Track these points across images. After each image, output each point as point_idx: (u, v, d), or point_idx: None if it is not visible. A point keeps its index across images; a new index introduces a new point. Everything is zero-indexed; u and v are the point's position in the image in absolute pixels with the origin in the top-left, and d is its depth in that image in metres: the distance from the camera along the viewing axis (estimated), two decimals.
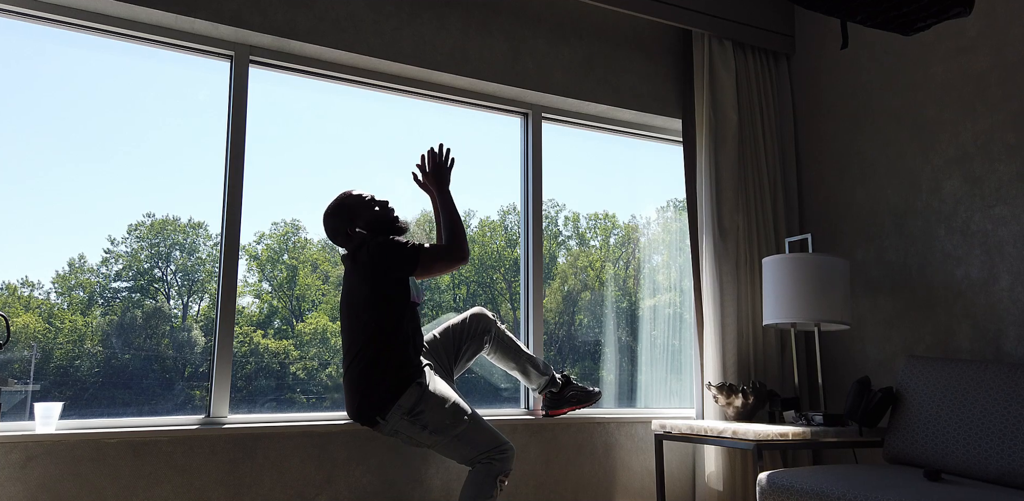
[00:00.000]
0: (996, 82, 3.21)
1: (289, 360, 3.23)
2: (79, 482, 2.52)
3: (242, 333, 3.07)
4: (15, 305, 2.77)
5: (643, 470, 3.53)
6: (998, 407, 2.60)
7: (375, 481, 2.96)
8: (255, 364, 3.14)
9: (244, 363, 3.08)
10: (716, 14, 3.85)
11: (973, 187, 3.26)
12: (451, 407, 2.67)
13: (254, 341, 3.15)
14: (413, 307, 2.77)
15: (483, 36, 3.48)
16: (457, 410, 2.68)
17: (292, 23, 3.08)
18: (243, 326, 3.10)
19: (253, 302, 3.23)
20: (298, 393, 3.22)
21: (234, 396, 2.91)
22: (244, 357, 3.09)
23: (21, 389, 2.69)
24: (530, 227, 3.62)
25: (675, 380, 3.93)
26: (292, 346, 3.25)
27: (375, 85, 3.39)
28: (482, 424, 2.73)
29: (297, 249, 3.38)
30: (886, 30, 1.94)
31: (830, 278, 3.26)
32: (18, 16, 2.77)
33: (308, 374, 3.24)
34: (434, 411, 2.65)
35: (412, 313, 2.76)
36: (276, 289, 3.33)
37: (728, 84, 3.83)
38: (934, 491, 2.33)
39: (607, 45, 3.79)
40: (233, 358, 2.90)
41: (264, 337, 3.20)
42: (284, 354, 3.22)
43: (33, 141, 2.78)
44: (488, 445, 2.70)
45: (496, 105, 3.63)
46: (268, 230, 3.27)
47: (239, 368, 3.03)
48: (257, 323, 3.21)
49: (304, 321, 3.36)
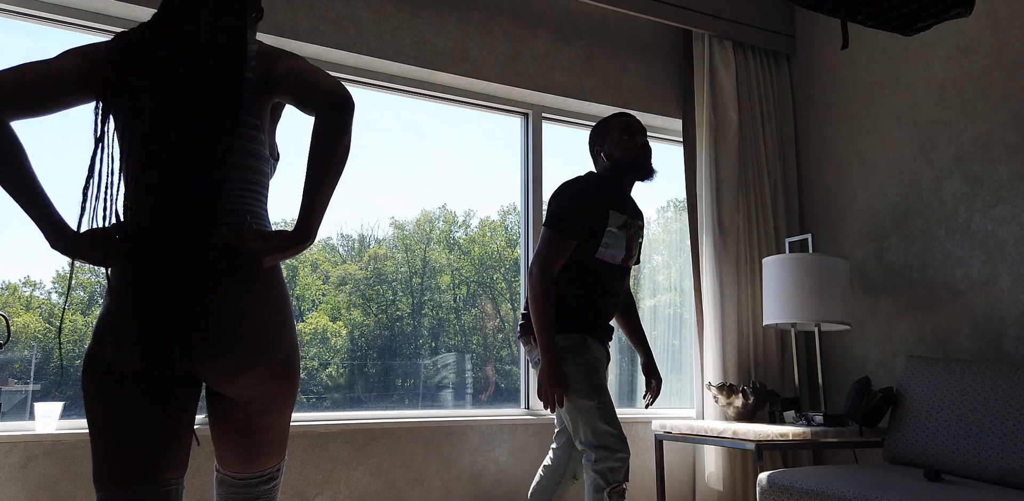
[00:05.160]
0: (996, 82, 3.21)
1: None
2: (79, 482, 2.52)
3: None
4: (16, 305, 2.77)
5: (643, 470, 3.53)
6: (998, 407, 2.60)
7: (375, 481, 2.96)
8: None
9: None
10: (716, 14, 3.85)
11: (973, 187, 3.26)
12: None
13: None
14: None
15: (483, 36, 3.48)
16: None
17: (292, 23, 3.08)
18: None
19: None
20: (298, 393, 3.22)
21: None
22: None
23: (21, 389, 2.69)
24: (530, 227, 3.62)
25: (675, 380, 3.93)
26: None
27: (375, 85, 3.39)
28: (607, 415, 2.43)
29: None
30: (886, 30, 1.94)
31: (830, 278, 3.25)
32: (18, 16, 2.77)
33: (308, 374, 3.24)
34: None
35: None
36: None
37: (728, 84, 3.83)
38: (934, 491, 2.33)
39: (607, 45, 3.79)
40: None
41: None
42: None
43: (33, 140, 2.78)
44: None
45: (496, 105, 3.63)
46: None
47: None
48: None
49: (304, 321, 3.36)
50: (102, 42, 1.49)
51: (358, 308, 3.42)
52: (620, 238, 2.52)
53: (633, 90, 3.82)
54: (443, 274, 3.63)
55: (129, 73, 1.42)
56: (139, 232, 1.36)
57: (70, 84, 1.43)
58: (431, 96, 3.50)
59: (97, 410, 1.39)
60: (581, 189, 2.50)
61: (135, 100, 1.41)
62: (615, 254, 2.52)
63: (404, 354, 3.47)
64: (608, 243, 2.50)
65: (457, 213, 3.67)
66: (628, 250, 2.57)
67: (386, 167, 3.38)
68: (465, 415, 3.27)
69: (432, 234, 3.65)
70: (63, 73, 1.42)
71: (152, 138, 1.39)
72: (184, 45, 1.43)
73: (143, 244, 1.35)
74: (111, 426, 1.38)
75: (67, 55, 1.46)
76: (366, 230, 3.49)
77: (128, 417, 1.38)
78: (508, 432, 3.26)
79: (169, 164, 1.37)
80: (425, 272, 3.61)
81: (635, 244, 2.61)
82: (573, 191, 2.49)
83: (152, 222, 1.36)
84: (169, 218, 1.36)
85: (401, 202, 3.51)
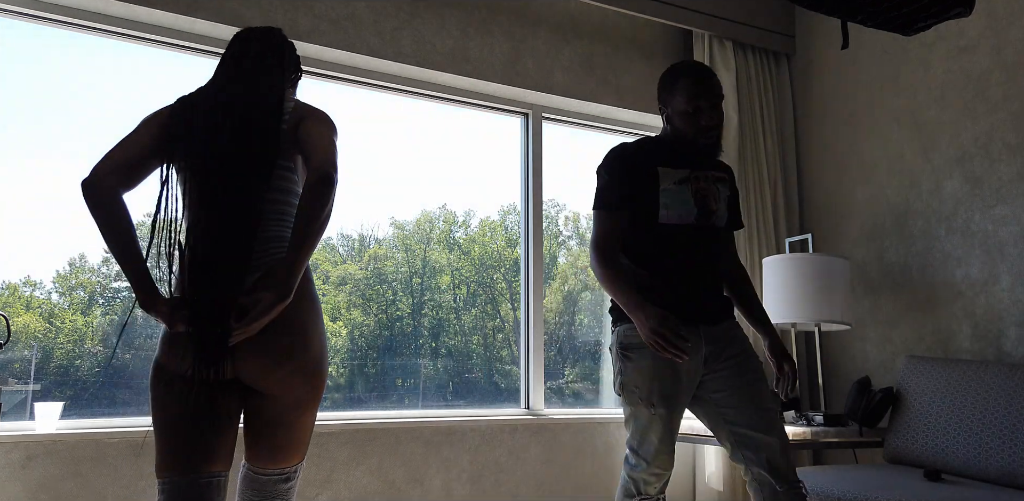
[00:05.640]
0: (996, 82, 3.21)
1: None
2: (79, 482, 2.52)
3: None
4: (16, 305, 2.77)
5: None
6: (998, 407, 2.60)
7: (375, 481, 2.96)
8: None
9: None
10: (716, 14, 3.85)
11: (973, 187, 3.26)
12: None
13: None
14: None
15: (483, 36, 3.48)
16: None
17: (292, 23, 3.08)
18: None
19: None
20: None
21: None
22: None
23: (21, 389, 2.69)
24: (530, 227, 3.62)
25: None
26: None
27: (375, 85, 3.39)
28: (652, 426, 2.09)
29: None
30: (886, 30, 1.94)
31: (830, 278, 3.25)
32: (18, 16, 2.77)
33: None
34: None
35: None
36: None
37: (728, 84, 3.83)
38: (934, 491, 2.33)
39: (607, 45, 3.79)
40: None
41: None
42: None
43: (34, 140, 2.78)
44: (629, 444, 2.15)
45: (496, 105, 3.63)
46: None
47: None
48: None
49: None
50: (168, 106, 1.81)
51: (358, 308, 3.42)
52: (682, 194, 2.15)
53: (633, 90, 3.82)
54: (443, 274, 3.63)
55: (187, 127, 1.73)
56: (196, 255, 1.65)
57: (151, 147, 1.74)
58: (431, 96, 3.50)
59: (157, 410, 1.67)
60: (616, 155, 2.21)
61: (192, 149, 1.71)
62: (681, 213, 2.14)
63: (404, 354, 3.47)
64: (667, 203, 2.14)
65: (457, 213, 3.67)
66: (702, 205, 2.17)
67: (386, 167, 3.38)
68: (465, 415, 3.27)
69: (432, 234, 3.65)
70: (146, 140, 1.74)
71: (205, 180, 1.68)
72: (232, 103, 1.74)
73: (200, 264, 1.64)
74: (168, 424, 1.65)
75: (143, 124, 1.78)
76: (366, 230, 3.50)
77: (182, 418, 1.65)
78: (508, 432, 3.26)
79: (218, 201, 1.67)
80: (425, 272, 3.61)
81: (712, 197, 2.19)
82: (607, 160, 2.22)
83: (206, 247, 1.64)
84: (219, 243, 1.65)
85: (401, 202, 3.51)
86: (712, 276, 2.20)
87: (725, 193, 2.25)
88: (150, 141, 1.74)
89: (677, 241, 2.15)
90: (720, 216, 2.21)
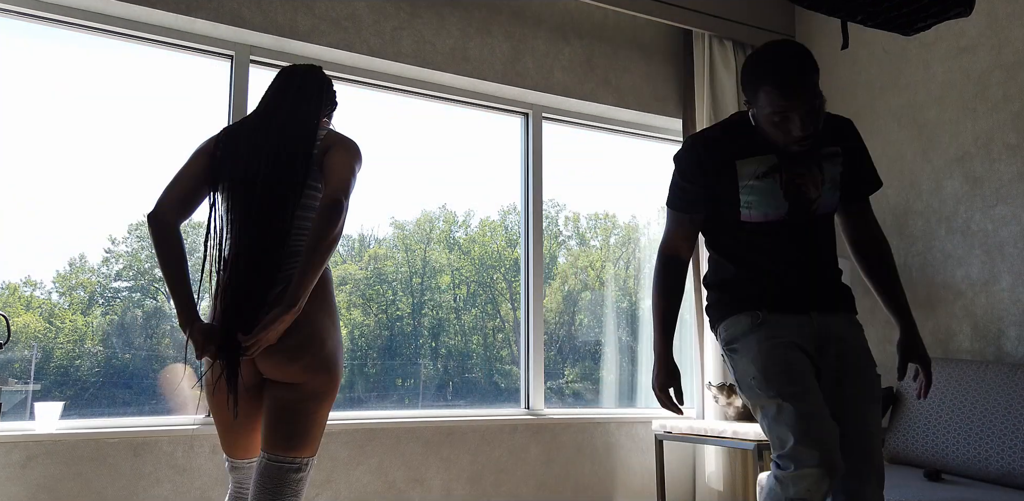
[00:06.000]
0: (996, 82, 3.21)
1: None
2: (79, 482, 2.52)
3: None
4: (16, 305, 2.77)
5: (643, 470, 3.53)
6: (998, 407, 2.60)
7: (375, 481, 2.96)
8: None
9: None
10: (716, 14, 3.85)
11: (973, 187, 3.26)
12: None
13: None
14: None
15: (483, 36, 3.48)
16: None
17: (292, 23, 3.08)
18: None
19: None
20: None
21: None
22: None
23: (21, 389, 2.69)
24: (530, 227, 3.62)
25: None
26: None
27: (375, 85, 3.39)
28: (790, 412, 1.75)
29: None
30: (886, 30, 1.94)
31: None
32: (18, 16, 2.77)
33: None
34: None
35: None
36: None
37: (728, 84, 3.83)
38: (934, 491, 2.33)
39: (607, 45, 3.79)
40: None
41: None
42: None
43: (34, 141, 2.78)
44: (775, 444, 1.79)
45: (496, 105, 3.63)
46: None
47: None
48: None
49: None
50: (214, 135, 2.03)
51: (358, 308, 3.42)
52: (768, 189, 1.86)
53: (633, 90, 3.82)
54: (443, 274, 3.63)
55: (231, 155, 1.95)
56: (231, 275, 1.88)
57: (201, 177, 1.96)
58: (431, 96, 3.50)
59: (211, 412, 2.00)
60: (688, 147, 1.95)
61: (235, 174, 1.93)
62: (767, 212, 1.87)
63: (404, 354, 3.47)
64: (750, 202, 1.87)
65: (457, 213, 3.67)
66: (795, 198, 1.87)
67: (386, 167, 3.38)
68: (465, 415, 3.27)
69: (432, 234, 3.65)
70: (197, 171, 1.97)
71: (245, 200, 1.90)
72: (270, 129, 1.96)
73: (237, 273, 1.87)
74: (217, 424, 2.00)
75: (194, 156, 1.99)
76: (366, 230, 3.50)
77: (223, 423, 1.98)
78: (508, 432, 3.26)
79: (255, 218, 1.89)
80: (425, 272, 3.61)
81: (811, 184, 1.87)
82: (680, 153, 1.98)
83: (244, 259, 1.87)
84: (254, 254, 1.87)
85: (401, 202, 3.51)
86: (818, 266, 1.92)
87: (834, 171, 1.91)
88: (200, 171, 1.96)
89: (768, 239, 1.90)
90: (825, 202, 1.90)
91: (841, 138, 1.94)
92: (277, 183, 1.90)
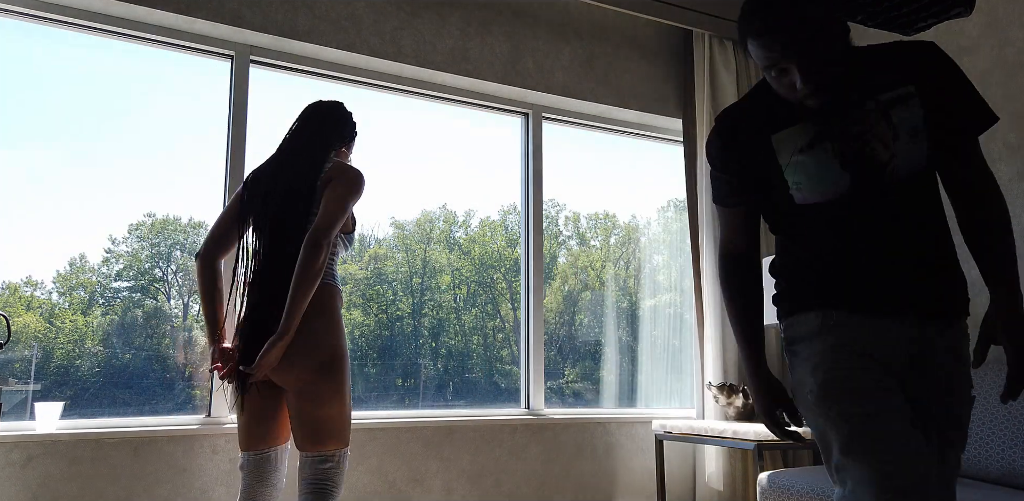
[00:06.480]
0: (996, 82, 3.21)
1: None
2: (79, 482, 2.52)
3: None
4: (16, 305, 2.77)
5: (643, 470, 3.53)
6: (998, 407, 2.60)
7: (375, 481, 2.96)
8: None
9: None
10: (716, 14, 3.85)
11: None
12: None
13: None
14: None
15: (483, 36, 3.48)
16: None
17: (292, 23, 3.08)
18: None
19: None
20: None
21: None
22: None
23: (22, 389, 2.69)
24: (531, 227, 3.62)
25: (675, 380, 3.93)
26: None
27: (375, 85, 3.39)
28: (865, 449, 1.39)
29: None
30: (887, 30, 1.94)
31: None
32: (18, 16, 2.77)
33: None
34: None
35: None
36: None
37: (729, 84, 3.83)
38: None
39: (607, 45, 3.79)
40: None
41: None
42: None
43: (34, 141, 2.78)
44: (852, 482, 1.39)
45: (496, 105, 3.63)
46: None
47: None
48: None
49: None
50: (246, 178, 2.32)
51: (358, 308, 3.42)
52: (817, 164, 1.50)
53: (633, 90, 3.82)
54: (443, 274, 3.63)
55: (254, 195, 2.24)
56: (250, 303, 2.16)
57: (232, 218, 2.27)
58: (431, 96, 3.50)
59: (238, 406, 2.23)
60: (716, 131, 1.64)
61: (257, 212, 2.22)
62: (824, 190, 1.51)
63: (404, 354, 3.47)
64: (799, 182, 1.52)
65: (457, 213, 3.67)
66: (858, 164, 1.49)
67: (386, 167, 3.38)
68: (465, 415, 3.27)
69: (432, 234, 3.65)
70: (231, 213, 2.28)
71: (266, 227, 2.18)
72: (283, 170, 2.23)
73: (252, 305, 2.14)
74: (240, 415, 2.20)
75: (231, 201, 2.31)
76: (366, 230, 3.50)
77: (240, 420, 2.21)
78: (508, 432, 3.26)
79: (267, 251, 2.16)
80: (425, 272, 3.61)
81: (879, 141, 1.48)
82: (709, 138, 1.67)
83: (258, 288, 2.14)
84: (266, 284, 2.13)
85: (401, 202, 3.51)
86: (913, 250, 1.53)
87: (912, 117, 1.48)
88: (233, 214, 2.27)
89: (836, 222, 1.53)
90: (905, 161, 1.49)
91: (915, 72, 1.50)
92: (284, 219, 2.16)
